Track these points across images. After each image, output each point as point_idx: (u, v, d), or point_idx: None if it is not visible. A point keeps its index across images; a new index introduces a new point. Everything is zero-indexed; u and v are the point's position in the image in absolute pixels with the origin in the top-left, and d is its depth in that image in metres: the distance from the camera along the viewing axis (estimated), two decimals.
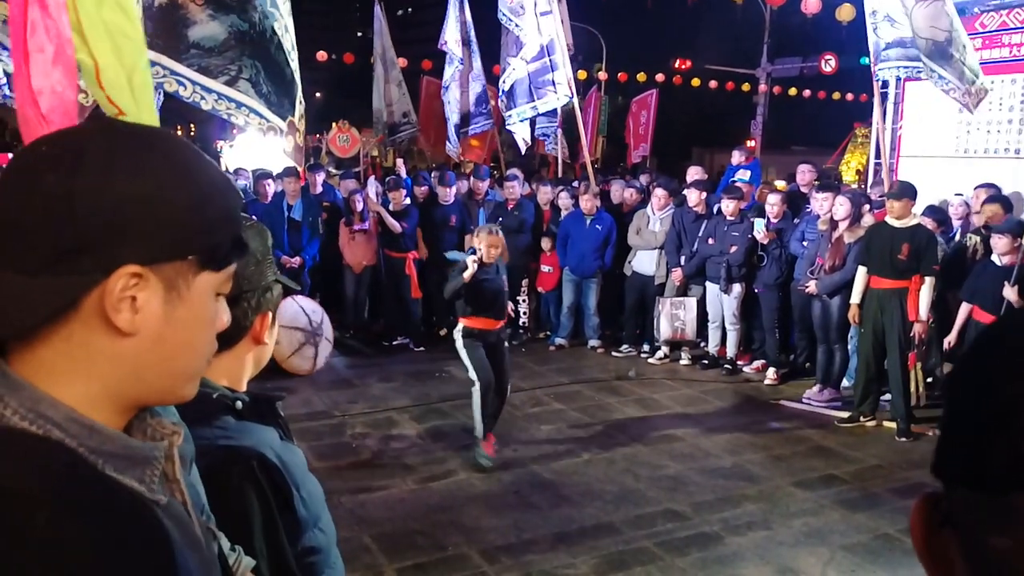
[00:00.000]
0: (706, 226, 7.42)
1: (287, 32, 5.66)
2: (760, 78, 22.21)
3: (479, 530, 4.23)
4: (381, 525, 4.26)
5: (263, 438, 1.26)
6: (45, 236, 0.68)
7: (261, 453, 1.21)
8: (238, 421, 1.25)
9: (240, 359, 1.32)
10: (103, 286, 0.70)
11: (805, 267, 6.66)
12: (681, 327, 7.55)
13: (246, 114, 6.75)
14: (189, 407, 1.18)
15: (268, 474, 1.20)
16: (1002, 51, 7.23)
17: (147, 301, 0.72)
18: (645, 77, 21.50)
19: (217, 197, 0.77)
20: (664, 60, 22.28)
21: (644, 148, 15.43)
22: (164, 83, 5.46)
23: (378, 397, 6.52)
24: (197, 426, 1.18)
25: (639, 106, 15.68)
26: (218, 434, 1.21)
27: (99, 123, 0.75)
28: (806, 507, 4.59)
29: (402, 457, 5.25)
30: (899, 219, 5.71)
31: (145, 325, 0.72)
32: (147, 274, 0.71)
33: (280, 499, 1.22)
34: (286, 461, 1.26)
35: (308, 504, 1.28)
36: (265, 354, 1.37)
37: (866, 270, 5.91)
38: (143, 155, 0.73)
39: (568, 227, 7.98)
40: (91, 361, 0.72)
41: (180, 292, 0.74)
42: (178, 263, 0.74)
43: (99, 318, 0.71)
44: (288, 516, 1.23)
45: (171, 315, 0.74)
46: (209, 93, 6.38)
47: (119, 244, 0.70)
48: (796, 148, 22.81)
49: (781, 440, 5.72)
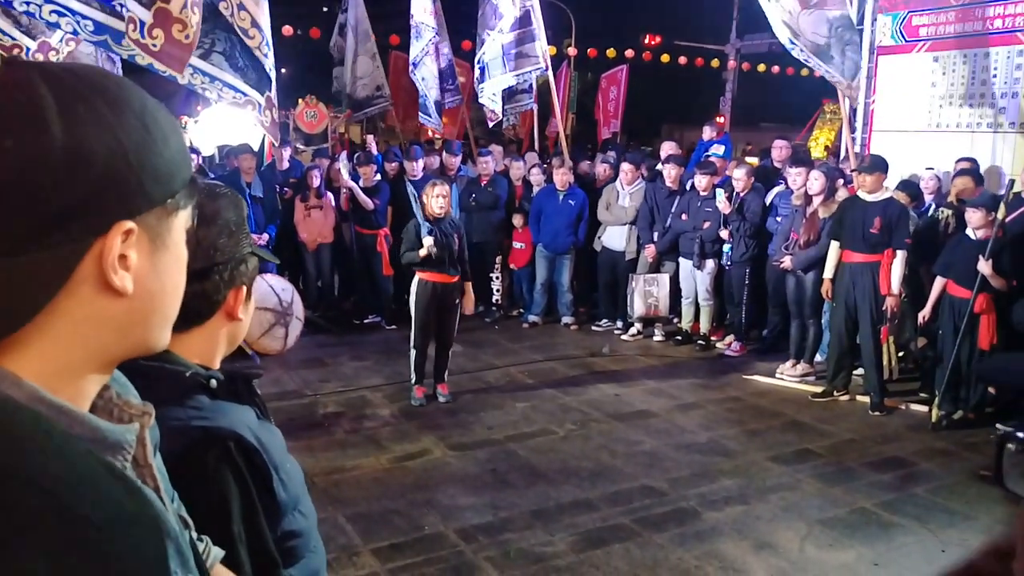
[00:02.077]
0: (679, 202, 7.37)
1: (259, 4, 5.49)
2: (729, 54, 22.20)
3: (455, 509, 4.17)
4: (356, 505, 4.17)
5: (240, 418, 1.19)
6: (25, 208, 0.61)
7: (238, 434, 1.15)
8: (213, 400, 1.18)
9: (213, 336, 1.24)
10: (97, 249, 0.65)
11: (779, 242, 6.66)
12: (654, 303, 7.52)
13: (219, 88, 6.55)
14: (161, 386, 1.10)
15: (246, 455, 1.14)
16: (975, 24, 7.23)
17: (139, 256, 0.68)
18: (615, 53, 21.39)
19: (172, 132, 0.72)
20: (634, 36, 22.18)
21: (614, 124, 15.36)
22: (136, 56, 5.24)
23: (350, 376, 6.42)
24: (170, 406, 1.11)
25: (609, 82, 15.59)
26: (192, 414, 1.14)
27: (30, 70, 0.65)
28: (782, 481, 4.59)
29: (376, 436, 5.16)
30: (871, 193, 5.71)
31: (137, 281, 0.68)
32: (135, 228, 0.66)
33: (259, 481, 1.16)
34: (264, 441, 1.19)
35: (287, 486, 1.22)
36: (240, 331, 1.29)
37: (838, 244, 5.91)
38: (101, 101, 0.66)
39: (541, 203, 7.89)
40: (75, 330, 0.66)
41: (163, 239, 0.71)
42: (158, 209, 0.69)
43: (90, 284, 0.65)
44: (267, 499, 1.18)
45: (157, 264, 0.71)
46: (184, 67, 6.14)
47: (106, 201, 0.64)
48: (765, 124, 22.92)
49: (756, 415, 5.73)
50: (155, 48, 4.92)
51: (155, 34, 4.91)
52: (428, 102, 10.31)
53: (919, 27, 7.72)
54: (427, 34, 9.99)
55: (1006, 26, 7.00)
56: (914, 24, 7.76)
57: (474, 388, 6.18)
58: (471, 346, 7.23)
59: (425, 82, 10.16)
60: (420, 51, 10.06)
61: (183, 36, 4.99)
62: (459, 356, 6.98)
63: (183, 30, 4.97)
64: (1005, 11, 7.02)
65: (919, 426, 5.47)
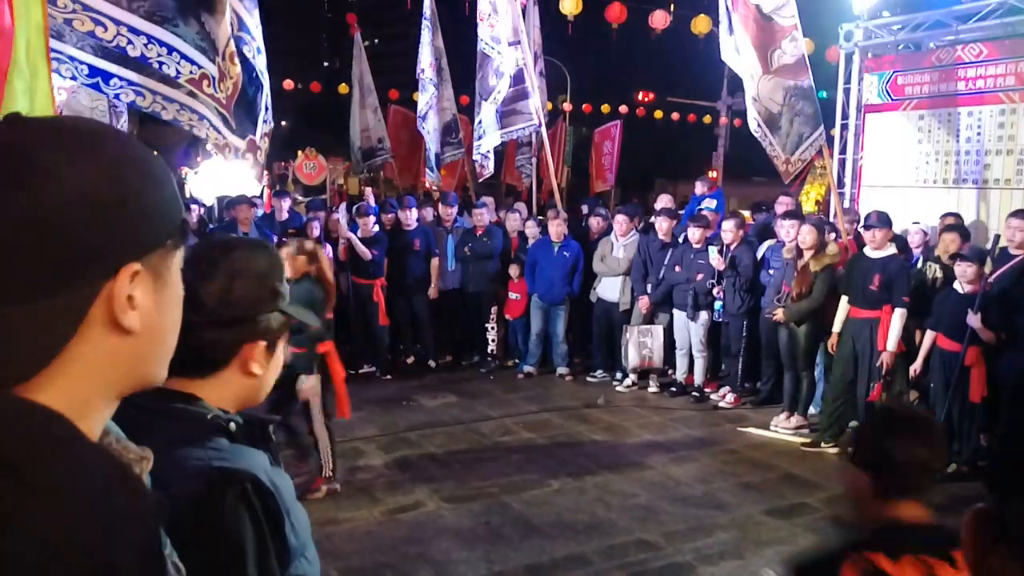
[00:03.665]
0: (672, 254, 7.46)
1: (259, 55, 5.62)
2: (720, 111, 22.68)
3: (449, 563, 4.13)
4: (348, 558, 4.13)
5: (256, 461, 1.21)
6: (38, 258, 0.64)
7: (255, 476, 1.17)
8: (231, 443, 1.21)
9: (226, 387, 1.27)
10: (107, 291, 0.68)
11: (772, 295, 6.72)
12: (649, 355, 7.55)
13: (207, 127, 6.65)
14: (185, 427, 1.17)
15: (262, 498, 1.16)
16: (958, 84, 7.45)
17: (144, 295, 0.71)
18: (609, 108, 21.83)
19: (166, 176, 0.76)
20: (627, 92, 22.65)
21: (609, 179, 15.57)
22: (121, 93, 5.34)
23: (344, 426, 6.37)
24: (192, 446, 1.15)
25: (602, 136, 15.85)
26: (212, 455, 1.16)
27: (34, 125, 0.70)
28: (778, 535, 4.56)
29: (369, 488, 5.13)
30: (877, 249, 5.83)
31: (143, 319, 0.72)
32: (140, 269, 0.70)
33: (272, 524, 1.18)
34: (278, 486, 1.22)
35: (297, 531, 1.24)
36: (256, 388, 1.30)
37: (847, 299, 6.00)
38: (103, 150, 0.70)
39: (536, 254, 7.98)
40: (90, 369, 0.70)
41: (164, 277, 0.75)
42: (160, 249, 0.73)
43: (101, 324, 0.69)
44: (278, 542, 1.19)
45: (160, 301, 0.74)
46: (171, 103, 6.24)
47: (114, 245, 0.68)
48: (757, 179, 23.24)
49: (751, 468, 5.71)
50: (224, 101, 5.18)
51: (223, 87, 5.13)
52: (431, 155, 10.52)
53: (904, 86, 7.95)
54: (430, 88, 10.24)
55: (988, 86, 7.21)
56: (899, 83, 8.00)
57: (469, 439, 6.16)
58: (466, 397, 7.23)
59: (429, 136, 10.39)
60: (425, 104, 10.29)
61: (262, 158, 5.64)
62: (454, 407, 7.00)
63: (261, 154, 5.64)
64: (987, 71, 7.25)
65: None
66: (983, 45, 7.30)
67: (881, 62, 8.24)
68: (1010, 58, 7.06)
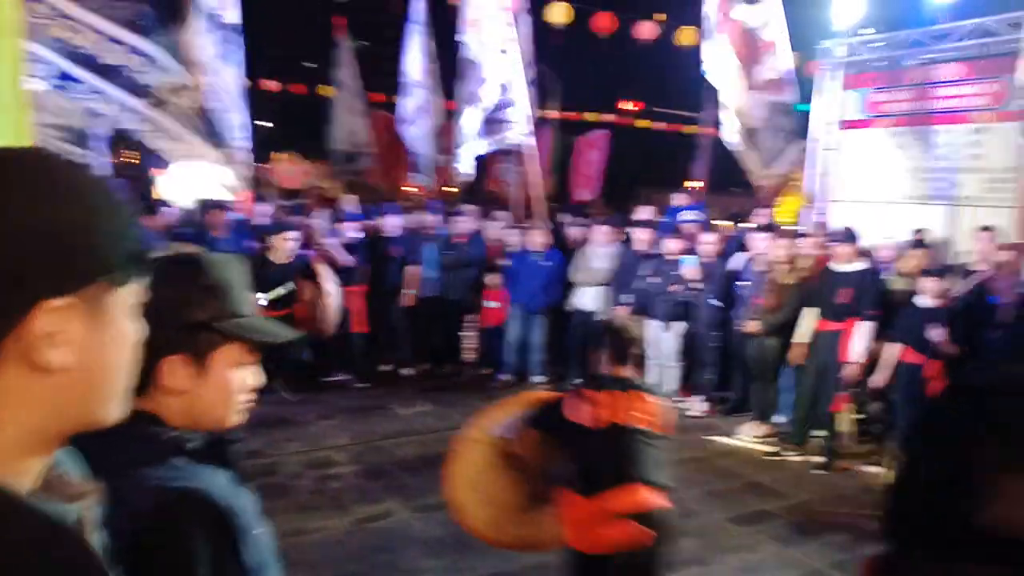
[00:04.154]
0: (649, 265, 7.53)
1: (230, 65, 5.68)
2: (705, 121, 22.80)
3: (417, 572, 4.17)
4: (317, 569, 4.15)
5: (214, 481, 1.21)
6: None
7: (210, 495, 1.17)
8: (190, 463, 1.21)
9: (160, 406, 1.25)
10: (23, 327, 0.65)
11: (744, 307, 6.81)
12: None
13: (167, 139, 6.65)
14: (141, 447, 1.17)
15: (217, 517, 1.16)
16: (932, 103, 7.57)
17: (71, 333, 0.68)
18: (596, 117, 21.94)
19: (111, 210, 0.73)
20: (612, 101, 22.76)
21: (594, 188, 15.61)
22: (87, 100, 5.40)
23: (316, 435, 6.40)
24: (148, 467, 1.15)
25: (587, 145, 15.90)
26: (170, 475, 1.16)
27: None
28: (742, 543, 4.63)
29: (339, 497, 5.15)
30: (843, 263, 5.94)
31: (72, 358, 0.68)
32: (67, 305, 0.67)
33: (227, 544, 1.17)
34: (237, 505, 1.21)
35: (254, 552, 1.23)
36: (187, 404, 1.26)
37: (815, 312, 6.10)
38: (30, 180, 0.67)
39: (517, 263, 8.02)
40: (9, 406, 0.66)
41: (100, 316, 0.71)
42: (93, 286, 0.70)
43: (19, 360, 0.66)
44: (233, 563, 1.19)
45: (94, 341, 0.71)
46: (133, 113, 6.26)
47: (31, 279, 0.65)
48: (734, 190, 23.38)
49: (717, 476, 5.78)
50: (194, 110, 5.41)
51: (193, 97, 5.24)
52: (420, 160, 10.49)
53: (881, 103, 8.07)
54: (419, 92, 10.23)
55: (957, 106, 7.34)
56: (876, 100, 8.12)
57: (441, 448, 6.16)
58: (441, 405, 7.26)
59: (421, 140, 10.35)
60: (414, 108, 10.28)
61: None
62: (428, 415, 7.02)
63: None
64: (958, 91, 7.38)
65: (873, 488, 5.56)
66: (958, 65, 7.43)
67: (860, 79, 8.36)
68: (983, 79, 7.20)
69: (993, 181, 7.08)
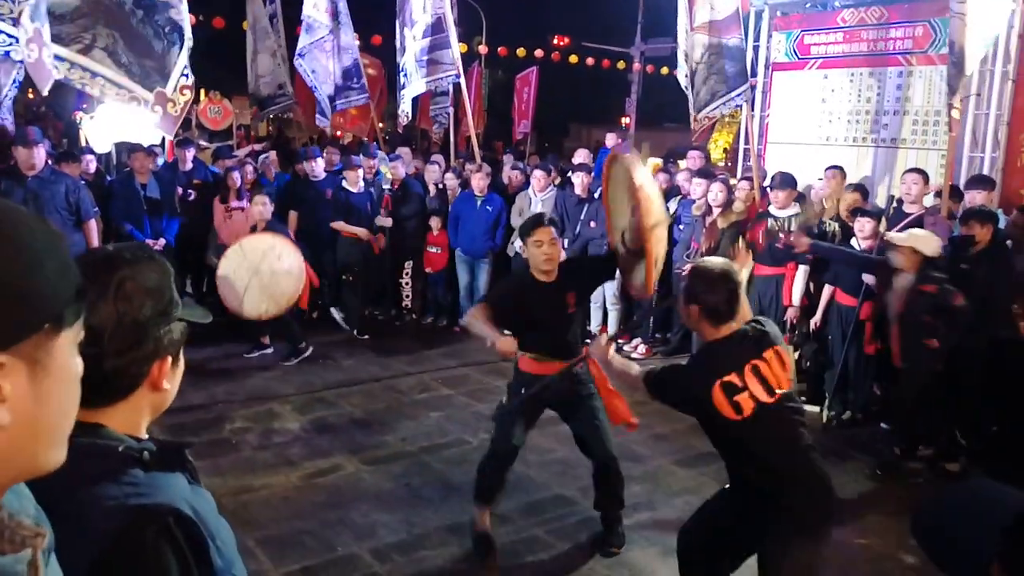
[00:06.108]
0: (588, 209, 7.53)
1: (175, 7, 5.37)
2: (634, 57, 22.77)
3: (369, 527, 4.16)
4: (266, 527, 4.10)
5: (175, 490, 1.17)
6: None
7: (176, 508, 1.12)
8: (147, 474, 1.15)
9: (137, 408, 1.21)
10: None
11: (682, 251, 6.91)
12: None
13: (101, 84, 6.33)
14: (94, 463, 1.11)
15: (185, 529, 1.12)
16: (860, 45, 7.69)
17: (14, 386, 0.66)
18: (525, 52, 21.57)
19: (49, 251, 0.69)
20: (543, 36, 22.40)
21: (525, 125, 15.53)
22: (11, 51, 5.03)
23: (259, 387, 6.27)
24: (103, 484, 1.09)
25: (521, 83, 15.73)
26: (128, 491, 1.11)
27: None
28: (687, 485, 4.79)
29: (285, 452, 5.07)
30: (781, 208, 6.04)
31: (16, 411, 0.66)
32: (8, 360, 0.65)
33: (197, 554, 1.14)
34: (199, 510, 1.18)
35: (223, 553, 1.21)
36: (164, 400, 1.25)
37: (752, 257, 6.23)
38: None
39: (459, 208, 7.90)
40: None
41: (43, 364, 0.69)
42: (35, 336, 0.67)
43: None
44: (204, 569, 1.16)
45: (39, 390, 0.69)
46: (61, 62, 5.92)
47: None
48: (668, 125, 23.60)
49: (661, 419, 5.90)
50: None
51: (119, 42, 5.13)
52: (321, 97, 10.05)
53: (811, 46, 8.14)
54: (320, 31, 9.77)
55: (890, 48, 7.47)
56: (806, 43, 8.18)
57: (387, 398, 6.15)
58: (383, 354, 7.20)
59: (316, 75, 9.87)
60: (308, 43, 9.82)
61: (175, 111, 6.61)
62: (371, 364, 6.96)
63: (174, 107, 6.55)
64: (889, 34, 7.49)
65: (810, 427, 5.79)
66: (885, 9, 7.53)
67: (789, 20, 8.40)
68: (909, 22, 7.33)
69: (923, 123, 7.29)
